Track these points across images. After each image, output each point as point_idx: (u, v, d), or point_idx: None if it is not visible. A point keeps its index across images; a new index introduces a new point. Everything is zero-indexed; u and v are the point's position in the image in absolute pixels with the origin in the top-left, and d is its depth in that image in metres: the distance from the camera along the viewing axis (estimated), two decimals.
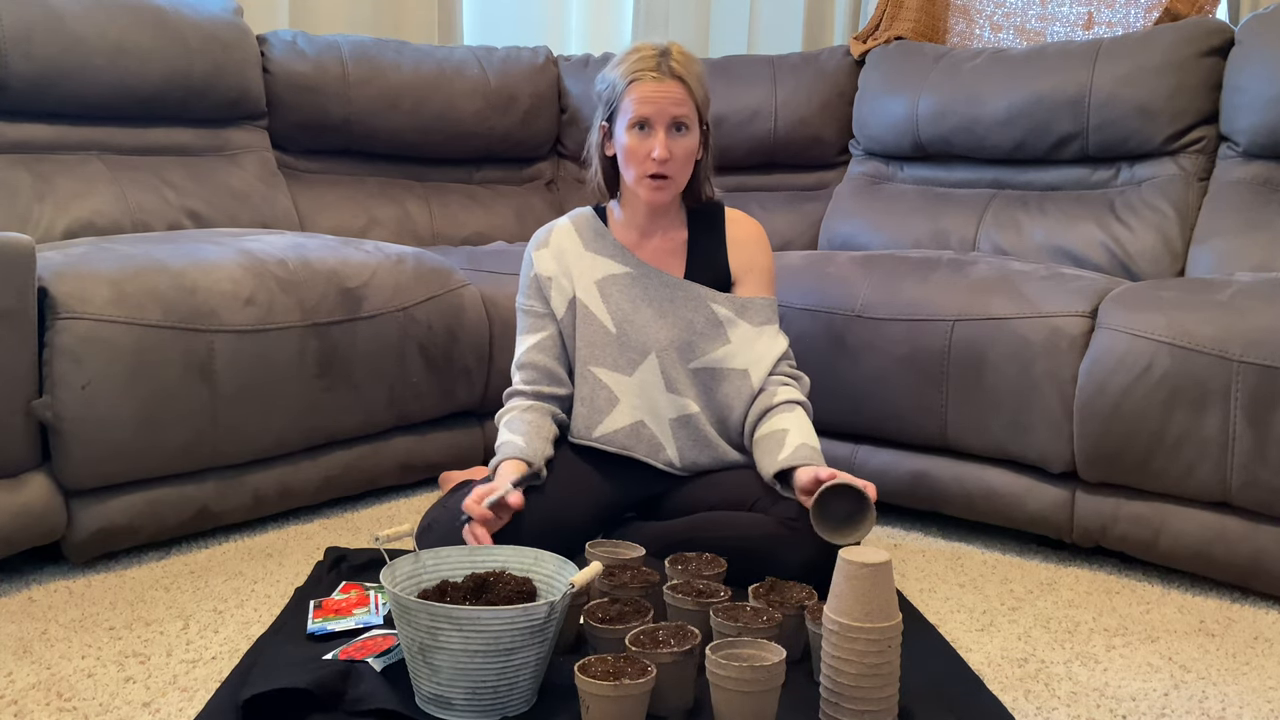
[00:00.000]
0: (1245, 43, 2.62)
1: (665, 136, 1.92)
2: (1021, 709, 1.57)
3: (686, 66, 1.94)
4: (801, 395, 1.99)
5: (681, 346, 2.00)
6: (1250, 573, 1.98)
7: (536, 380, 2.01)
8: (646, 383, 1.99)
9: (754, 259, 2.07)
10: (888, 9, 3.37)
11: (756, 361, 1.99)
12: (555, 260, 2.04)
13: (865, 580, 1.42)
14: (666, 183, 1.96)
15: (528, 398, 2.00)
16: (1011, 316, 2.17)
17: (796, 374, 2.03)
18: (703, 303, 2.01)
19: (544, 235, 2.08)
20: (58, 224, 2.51)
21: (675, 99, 1.92)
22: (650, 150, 1.92)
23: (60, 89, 2.61)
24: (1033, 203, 2.83)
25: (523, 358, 2.03)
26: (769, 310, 2.05)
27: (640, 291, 2.02)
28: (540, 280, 2.04)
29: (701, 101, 1.97)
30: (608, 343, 2.00)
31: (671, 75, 1.92)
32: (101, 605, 1.88)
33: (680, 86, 1.93)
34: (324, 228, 3.00)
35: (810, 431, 1.94)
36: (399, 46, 3.22)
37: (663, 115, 1.92)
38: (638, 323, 2.00)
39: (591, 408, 2.00)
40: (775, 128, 3.25)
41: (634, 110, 1.92)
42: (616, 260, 2.03)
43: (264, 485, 2.24)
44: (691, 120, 1.95)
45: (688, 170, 1.99)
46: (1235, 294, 2.02)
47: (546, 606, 1.44)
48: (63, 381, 1.92)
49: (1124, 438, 2.02)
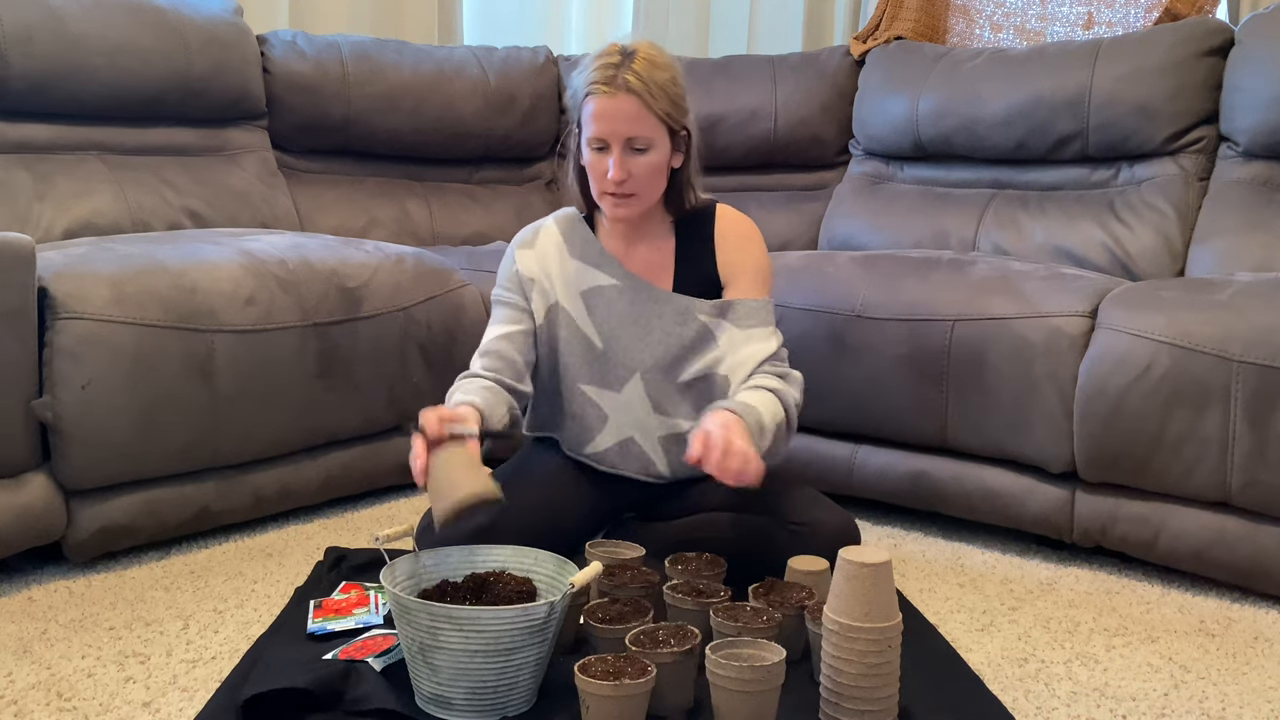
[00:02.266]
0: (1245, 43, 2.62)
1: (620, 155, 1.80)
2: (1021, 709, 1.57)
3: (647, 76, 1.78)
4: (776, 383, 1.83)
5: (668, 366, 1.92)
6: (1250, 573, 1.98)
7: (499, 370, 1.88)
8: (634, 402, 1.93)
9: (742, 258, 1.94)
10: (888, 9, 3.37)
11: (738, 366, 1.87)
12: (539, 263, 1.95)
13: (865, 580, 1.42)
14: (628, 200, 1.84)
15: (486, 380, 1.87)
16: (1011, 316, 2.17)
17: (784, 372, 1.89)
18: (691, 314, 1.91)
19: (529, 236, 1.98)
20: (58, 224, 2.51)
21: (629, 116, 1.78)
22: (606, 169, 1.81)
23: (60, 89, 2.61)
24: (1033, 203, 2.83)
25: (489, 344, 1.91)
26: (761, 311, 1.91)
27: (627, 306, 1.92)
28: (523, 278, 1.94)
29: (666, 112, 1.81)
30: (595, 359, 1.93)
31: (626, 90, 1.77)
32: (101, 605, 1.88)
33: (635, 102, 1.78)
34: (324, 228, 3.01)
35: (760, 401, 1.77)
36: (399, 46, 3.22)
37: (616, 135, 1.79)
38: (623, 340, 1.92)
39: (582, 425, 1.96)
40: (775, 128, 3.24)
41: (590, 127, 1.81)
42: (604, 271, 1.93)
43: (264, 485, 2.24)
44: (652, 137, 1.80)
45: (654, 185, 1.86)
46: (1235, 294, 2.02)
47: (546, 606, 1.45)
48: (63, 381, 1.92)
49: (1124, 438, 2.02)
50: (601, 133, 1.79)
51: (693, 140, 1.89)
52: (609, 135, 1.79)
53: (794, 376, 1.90)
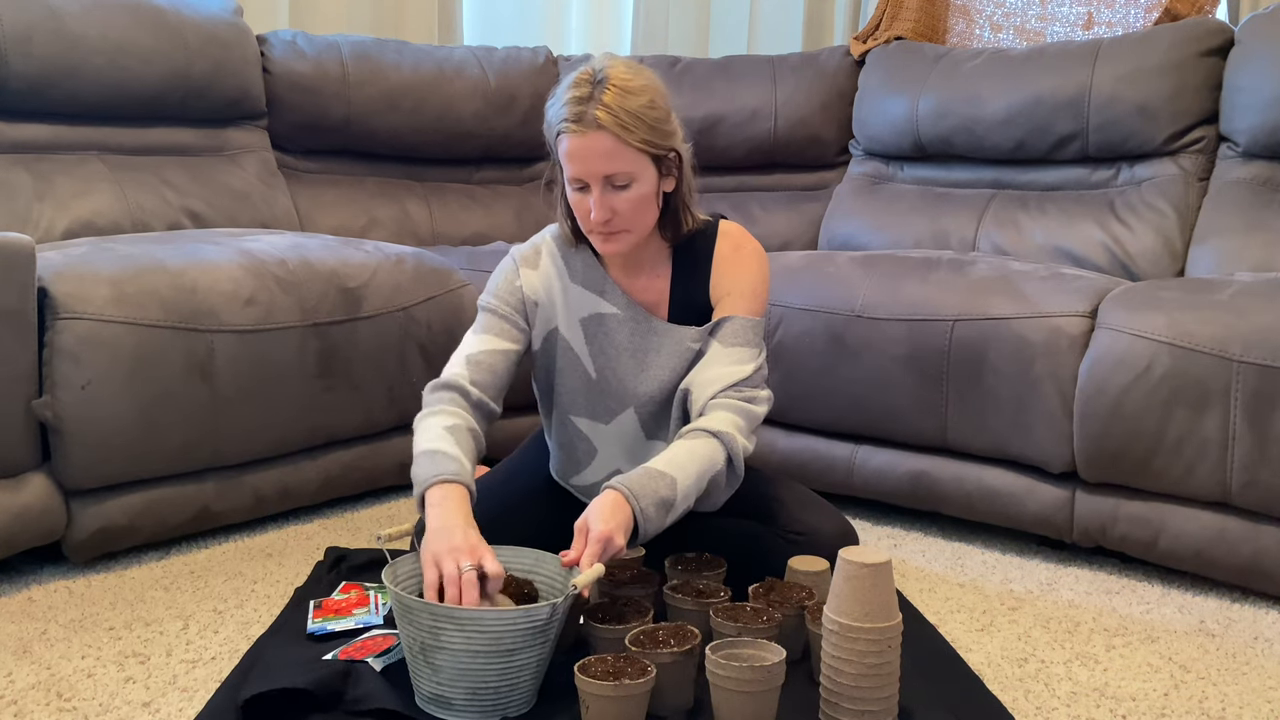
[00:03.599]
0: (1245, 43, 2.62)
1: (600, 195, 1.68)
2: (1021, 709, 1.57)
3: (618, 106, 1.64)
4: (722, 426, 1.69)
5: (663, 399, 1.83)
6: (1250, 573, 1.98)
7: (485, 385, 1.75)
8: (625, 433, 1.87)
9: (733, 280, 1.81)
10: (888, 9, 3.37)
11: (704, 385, 1.74)
12: (543, 284, 1.84)
13: (865, 580, 1.42)
14: (617, 236, 1.73)
15: (471, 403, 1.73)
16: (1011, 316, 2.17)
17: (751, 395, 1.74)
18: (683, 343, 1.81)
19: (531, 254, 1.85)
20: (58, 224, 2.51)
21: (603, 154, 1.65)
22: (588, 209, 1.70)
23: (60, 89, 2.61)
24: (1033, 203, 2.83)
25: (479, 354, 1.77)
26: (746, 331, 1.78)
27: (626, 337, 1.83)
28: (527, 300, 1.83)
29: (646, 140, 1.67)
30: (587, 389, 1.85)
31: (597, 126, 1.64)
32: (101, 605, 1.88)
33: (608, 138, 1.64)
34: (324, 228, 3.00)
35: (685, 459, 1.65)
36: (399, 46, 3.22)
37: (592, 175, 1.67)
38: (619, 372, 1.83)
39: (570, 456, 1.92)
40: (775, 128, 3.25)
41: (567, 168, 1.70)
42: (605, 298, 1.83)
43: (264, 485, 2.24)
44: (632, 171, 1.68)
45: (643, 217, 1.73)
46: (1235, 294, 2.02)
47: (549, 608, 1.44)
48: (63, 381, 1.92)
49: (1124, 438, 2.02)
50: (578, 173, 1.68)
51: (684, 161, 1.76)
52: (585, 176, 1.68)
53: (759, 400, 1.76)
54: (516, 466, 2.04)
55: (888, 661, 1.43)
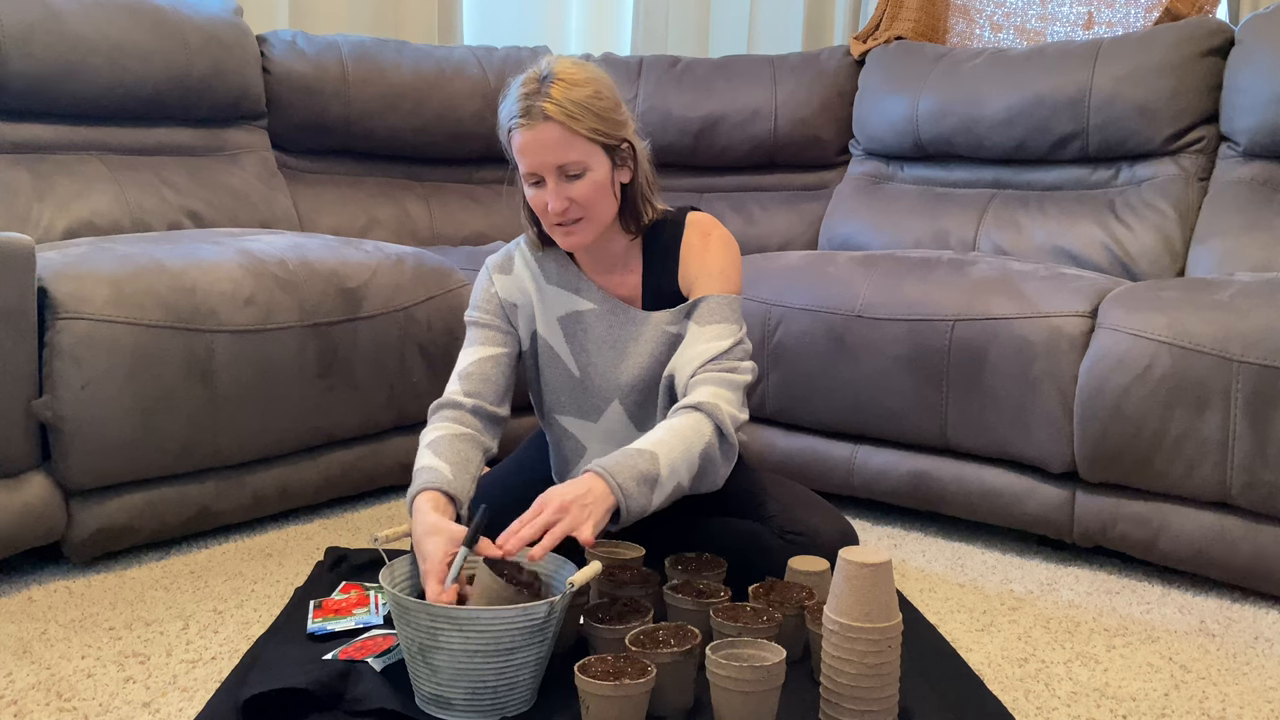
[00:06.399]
0: (1245, 43, 2.62)
1: (555, 185, 1.72)
2: (1021, 709, 1.57)
3: (564, 98, 1.69)
4: (703, 398, 1.70)
5: (646, 387, 1.86)
6: (1250, 573, 1.98)
7: (480, 393, 1.80)
8: (613, 429, 1.90)
9: (700, 264, 1.83)
10: (888, 9, 3.37)
11: (684, 365, 1.78)
12: (518, 287, 1.89)
13: (865, 580, 1.42)
14: (577, 226, 1.76)
15: (466, 411, 1.78)
16: (1011, 316, 2.17)
17: (733, 366, 1.75)
18: (660, 328, 1.84)
19: (504, 260, 1.92)
20: (58, 224, 2.51)
21: (553, 144, 1.70)
22: (545, 203, 1.75)
23: (60, 89, 2.61)
24: (1033, 203, 2.83)
25: (468, 367, 1.82)
26: (721, 308, 1.79)
27: (604, 330, 1.86)
28: (504, 304, 1.88)
29: (594, 129, 1.71)
30: (572, 388, 1.89)
31: (544, 118, 1.68)
32: (101, 605, 1.88)
33: (556, 129, 1.69)
34: (324, 228, 3.01)
35: (670, 436, 1.66)
36: (399, 46, 3.22)
37: (545, 167, 1.72)
38: (600, 366, 1.87)
39: (560, 456, 1.96)
40: (775, 128, 3.25)
41: (520, 163, 1.75)
42: (581, 295, 1.87)
43: (264, 485, 2.24)
44: (583, 160, 1.72)
45: (601, 206, 1.76)
46: (1235, 294, 2.02)
47: (546, 606, 1.44)
48: (63, 381, 1.92)
49: (1124, 438, 2.02)
50: (531, 167, 1.73)
51: (638, 151, 1.80)
52: (539, 168, 1.72)
53: (741, 370, 1.76)
54: (518, 464, 2.07)
55: (888, 661, 1.43)
